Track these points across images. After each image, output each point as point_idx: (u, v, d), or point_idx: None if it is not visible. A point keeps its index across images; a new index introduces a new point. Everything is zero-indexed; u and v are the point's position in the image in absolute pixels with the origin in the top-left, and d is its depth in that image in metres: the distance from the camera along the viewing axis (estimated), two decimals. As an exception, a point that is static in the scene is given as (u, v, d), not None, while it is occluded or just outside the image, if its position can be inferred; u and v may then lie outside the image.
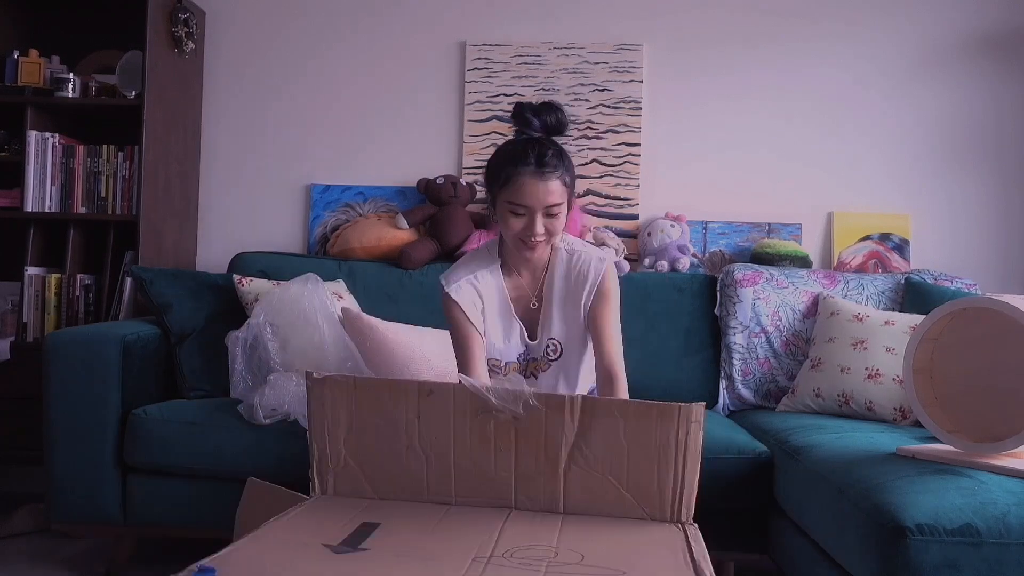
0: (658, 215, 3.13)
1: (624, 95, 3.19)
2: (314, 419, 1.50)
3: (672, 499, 1.44)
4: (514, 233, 1.85)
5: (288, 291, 2.52)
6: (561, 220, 1.85)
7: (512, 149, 1.85)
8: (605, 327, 1.93)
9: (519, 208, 1.82)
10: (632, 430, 1.42)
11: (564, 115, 1.87)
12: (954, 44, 3.14)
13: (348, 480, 1.49)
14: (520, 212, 1.83)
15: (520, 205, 1.82)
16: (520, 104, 1.89)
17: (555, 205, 1.82)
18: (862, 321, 2.56)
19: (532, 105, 1.88)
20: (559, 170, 1.82)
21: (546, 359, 1.96)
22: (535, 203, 1.81)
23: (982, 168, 3.14)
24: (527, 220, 1.83)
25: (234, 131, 3.31)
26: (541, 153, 1.81)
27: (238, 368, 2.40)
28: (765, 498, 2.19)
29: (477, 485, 1.47)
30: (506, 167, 1.83)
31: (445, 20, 3.26)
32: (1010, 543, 1.50)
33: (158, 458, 2.26)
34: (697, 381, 2.79)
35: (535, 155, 1.81)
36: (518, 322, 1.97)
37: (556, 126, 1.87)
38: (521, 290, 1.98)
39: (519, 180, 1.80)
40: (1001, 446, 1.71)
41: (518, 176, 1.81)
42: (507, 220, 1.85)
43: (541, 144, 1.83)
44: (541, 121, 1.86)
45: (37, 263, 3.01)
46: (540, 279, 1.98)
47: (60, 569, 2.45)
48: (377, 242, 3.03)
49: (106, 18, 3.18)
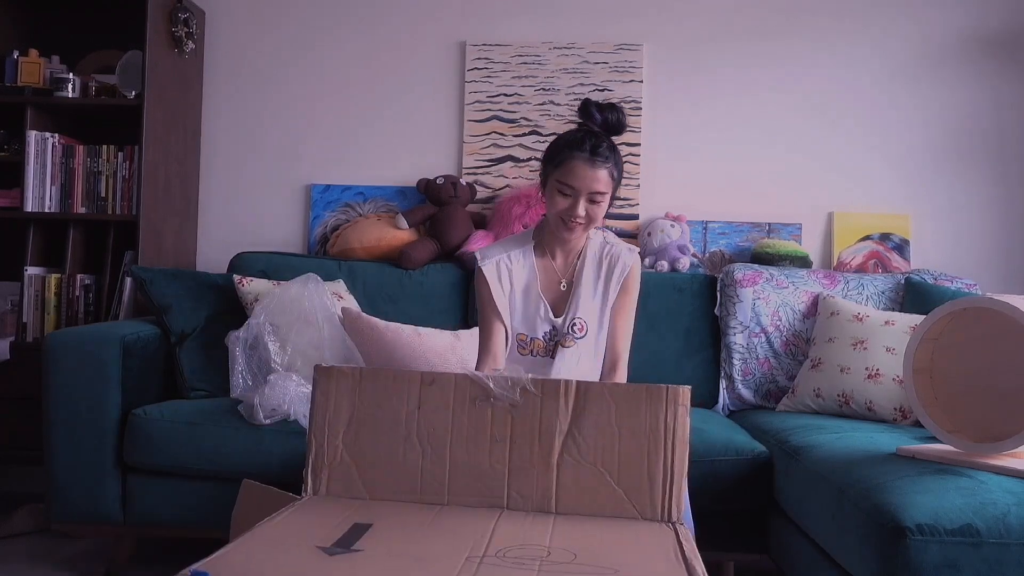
0: (658, 215, 3.13)
1: (624, 95, 3.19)
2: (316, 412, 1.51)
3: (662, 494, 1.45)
4: (558, 211, 1.99)
5: (288, 291, 2.52)
6: (602, 209, 2.00)
7: (571, 136, 2.00)
8: (620, 319, 2.08)
9: (567, 188, 1.96)
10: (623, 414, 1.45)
11: (625, 117, 2.02)
12: (954, 44, 3.14)
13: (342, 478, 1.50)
14: (567, 192, 1.97)
15: (568, 186, 1.96)
16: (587, 100, 2.03)
17: (599, 193, 1.97)
18: (862, 321, 2.56)
19: (598, 103, 2.03)
20: (610, 162, 1.97)
21: (571, 336, 2.06)
22: (582, 186, 1.95)
23: (982, 168, 3.14)
24: (572, 201, 1.96)
25: (234, 131, 3.32)
26: (596, 144, 1.96)
27: (238, 368, 2.40)
28: (765, 498, 2.20)
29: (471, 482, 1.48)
30: (563, 150, 1.98)
31: (445, 20, 3.26)
32: (1010, 543, 1.50)
33: (158, 458, 2.26)
34: (697, 381, 2.79)
35: (591, 144, 1.96)
36: (544, 301, 2.08)
37: (615, 125, 2.01)
38: (551, 272, 2.10)
39: (572, 163, 1.95)
40: (1001, 446, 1.71)
41: (572, 159, 1.95)
42: (554, 198, 1.99)
43: (598, 136, 1.98)
44: (603, 117, 2.00)
45: (37, 263, 3.01)
46: (572, 263, 2.11)
47: (60, 569, 2.45)
48: (377, 242, 3.03)
49: (106, 18, 3.18)
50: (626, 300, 2.09)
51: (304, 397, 2.30)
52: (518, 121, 3.21)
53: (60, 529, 2.39)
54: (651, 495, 1.47)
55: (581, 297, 2.08)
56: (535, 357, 2.07)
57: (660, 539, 1.32)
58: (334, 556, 1.19)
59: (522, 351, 2.08)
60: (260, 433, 2.24)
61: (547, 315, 2.07)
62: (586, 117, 2.01)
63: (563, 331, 2.06)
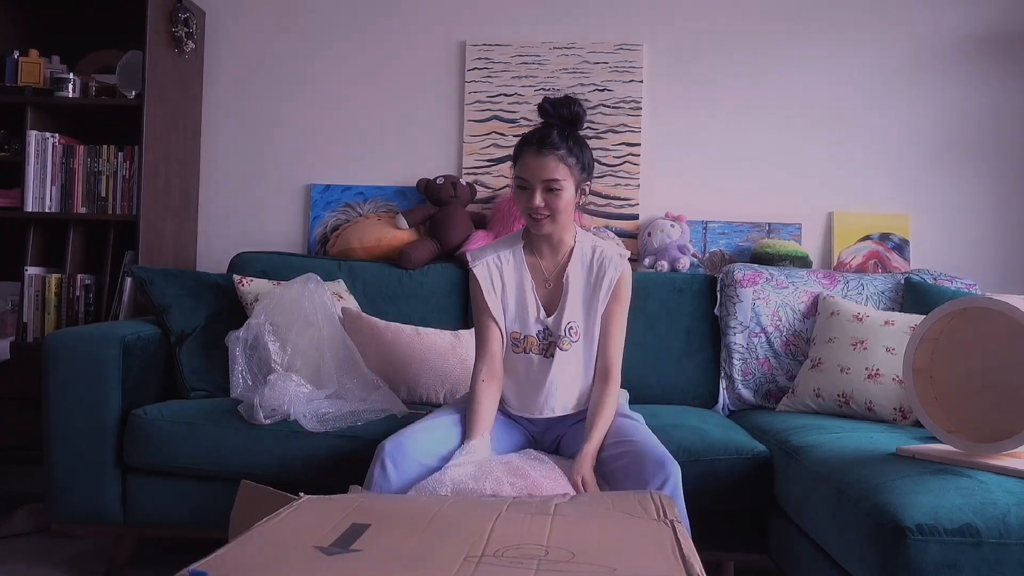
0: (658, 215, 3.13)
1: (624, 95, 3.19)
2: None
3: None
4: (521, 207, 2.04)
5: (288, 291, 2.52)
6: (563, 198, 2.01)
7: (527, 133, 2.07)
8: (611, 326, 2.09)
9: (522, 181, 2.01)
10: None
11: (580, 108, 2.05)
12: (954, 44, 3.14)
13: None
14: (524, 186, 2.01)
15: (521, 179, 2.02)
16: (544, 98, 2.08)
17: (553, 180, 1.99)
18: (862, 321, 2.56)
19: (552, 99, 2.07)
20: (560, 149, 1.99)
21: (568, 339, 2.08)
22: (532, 177, 1.99)
23: (982, 168, 3.14)
24: (528, 193, 2.01)
25: (234, 131, 3.32)
26: (545, 133, 2.00)
27: (238, 368, 2.40)
28: (765, 498, 2.20)
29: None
30: (518, 148, 2.05)
31: (445, 20, 3.26)
32: (1010, 543, 1.50)
33: (158, 458, 2.26)
34: (697, 381, 2.79)
35: (539, 135, 2.01)
36: (535, 299, 2.10)
37: (571, 118, 2.04)
38: (540, 270, 2.13)
39: (522, 156, 2.02)
40: (1001, 446, 1.71)
41: (522, 153, 2.02)
42: (516, 195, 2.05)
43: (549, 127, 2.02)
44: (557, 112, 2.03)
45: (37, 263, 3.01)
46: (561, 264, 2.12)
47: (60, 569, 2.45)
48: (377, 242, 3.03)
49: (106, 18, 3.18)
50: (617, 307, 2.09)
51: (304, 397, 2.30)
52: (518, 121, 3.21)
53: (60, 529, 2.39)
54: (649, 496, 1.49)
55: (574, 303, 2.09)
56: (529, 355, 2.08)
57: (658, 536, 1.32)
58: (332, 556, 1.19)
59: (516, 349, 2.10)
60: (260, 433, 2.24)
61: (539, 313, 2.09)
62: (543, 115, 2.05)
63: (558, 333, 2.07)
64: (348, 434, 2.21)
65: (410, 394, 2.55)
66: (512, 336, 2.10)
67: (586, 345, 2.09)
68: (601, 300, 2.08)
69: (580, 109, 2.05)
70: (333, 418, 2.25)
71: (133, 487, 2.31)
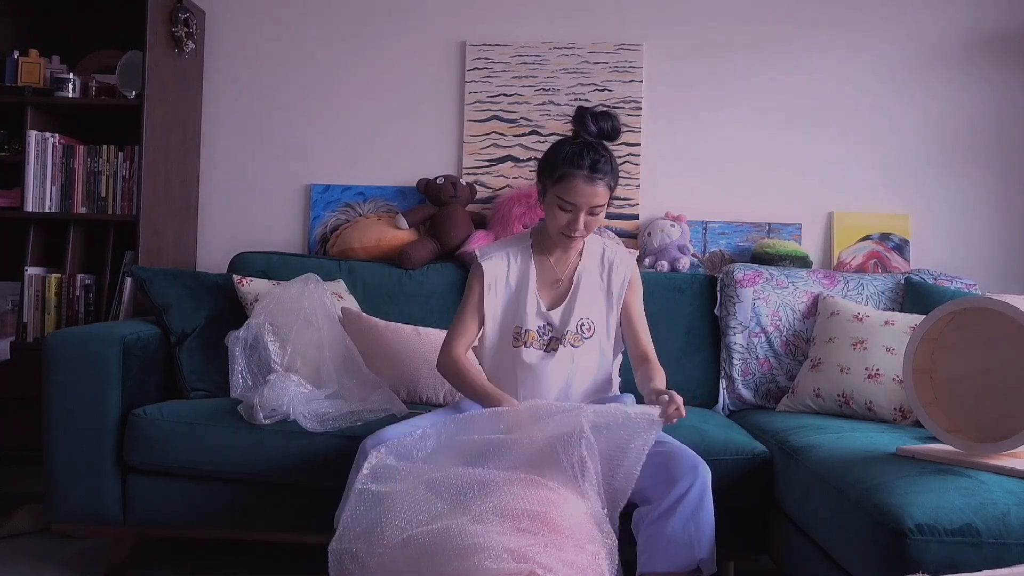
0: (658, 215, 3.13)
1: (624, 95, 3.19)
2: None
3: None
4: (559, 225, 2.05)
5: (288, 291, 2.52)
6: (600, 218, 2.08)
7: (570, 150, 2.03)
8: (636, 316, 2.17)
9: (567, 204, 2.02)
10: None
11: (619, 124, 2.07)
12: (954, 44, 3.14)
13: None
14: (567, 208, 2.02)
15: (569, 203, 2.01)
16: (582, 108, 2.08)
17: (598, 206, 2.04)
18: (862, 321, 2.56)
19: (592, 111, 2.07)
20: (608, 176, 2.03)
21: (580, 336, 2.11)
22: (583, 203, 2.01)
23: (982, 168, 3.14)
24: (572, 216, 2.03)
25: (234, 131, 3.31)
26: (595, 160, 2.00)
27: (238, 368, 2.40)
28: (765, 498, 2.20)
29: None
30: (562, 166, 2.01)
31: (445, 20, 3.26)
32: (1010, 543, 1.50)
33: (158, 458, 2.26)
34: (697, 381, 2.79)
35: (590, 161, 2.00)
36: (537, 296, 2.13)
37: (611, 133, 2.06)
38: (548, 269, 2.16)
39: (572, 181, 1.99)
40: (1001, 446, 1.71)
41: (572, 177, 1.99)
42: (555, 212, 2.04)
43: (596, 150, 2.02)
44: (599, 127, 2.04)
45: (37, 263, 3.01)
46: (572, 262, 2.16)
47: (60, 569, 2.45)
48: (377, 242, 3.03)
49: (106, 18, 3.18)
50: (636, 299, 2.18)
51: (304, 397, 2.30)
52: (518, 121, 3.21)
53: (60, 529, 2.39)
54: None
55: (585, 297, 2.12)
56: (528, 348, 2.09)
57: None
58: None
59: (516, 343, 2.11)
60: (260, 433, 2.24)
61: (541, 309, 2.12)
62: (581, 127, 2.04)
63: (567, 329, 2.10)
64: (348, 434, 2.21)
65: (410, 394, 2.55)
66: (513, 331, 2.12)
67: (602, 340, 2.14)
68: (616, 296, 2.14)
69: (619, 124, 2.07)
70: (333, 418, 2.25)
71: (133, 487, 2.31)
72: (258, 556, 2.61)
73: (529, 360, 2.09)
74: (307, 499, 2.26)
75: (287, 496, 2.27)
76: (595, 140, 2.04)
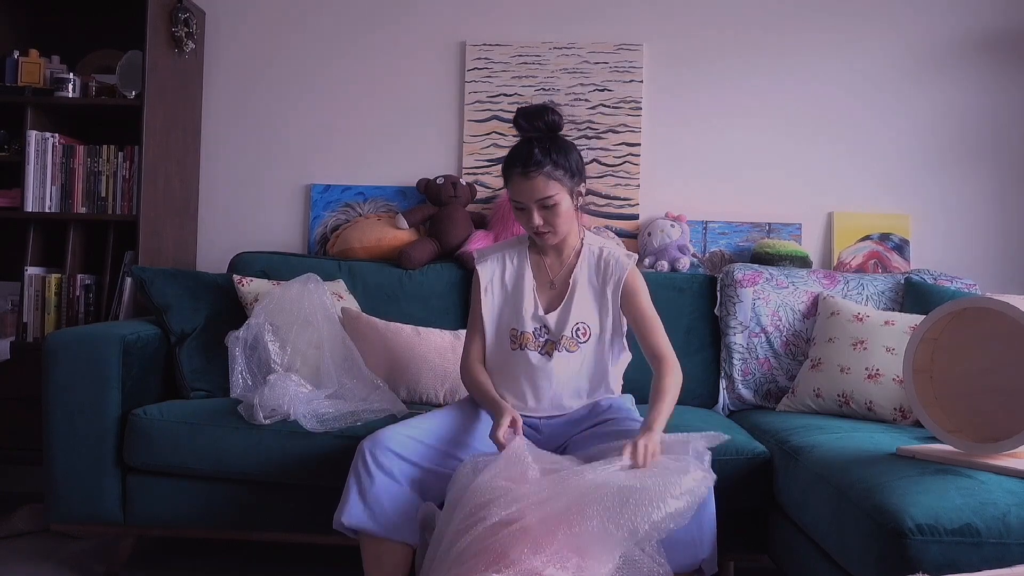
0: (658, 215, 3.13)
1: (624, 95, 3.19)
2: None
3: None
4: (523, 226, 2.07)
5: (288, 291, 2.52)
6: (560, 211, 2.01)
7: (510, 152, 2.05)
8: (643, 316, 2.10)
9: (518, 204, 2.03)
10: None
11: (555, 116, 2.03)
12: (954, 44, 3.14)
13: None
14: (520, 207, 2.03)
15: (517, 202, 2.03)
16: (518, 110, 2.08)
17: (546, 198, 1.99)
18: (862, 321, 2.56)
19: (526, 111, 2.06)
20: (545, 166, 1.98)
21: (574, 340, 2.09)
22: (527, 199, 2.00)
23: (982, 168, 3.14)
24: (526, 214, 2.02)
25: (234, 131, 3.31)
26: (528, 153, 1.99)
27: (238, 368, 2.40)
28: (765, 498, 2.20)
29: None
30: (505, 171, 2.05)
31: (445, 20, 3.26)
32: (1010, 543, 1.50)
33: (158, 458, 2.26)
34: (697, 381, 2.78)
35: (522, 157, 1.99)
36: (534, 297, 2.11)
37: (547, 128, 2.03)
38: (544, 270, 2.15)
39: (512, 181, 2.02)
40: (1001, 446, 1.71)
41: (511, 177, 2.02)
42: (516, 215, 2.06)
43: (530, 144, 2.01)
44: (534, 127, 2.03)
45: (37, 263, 3.01)
46: (568, 264, 2.14)
47: (60, 569, 2.45)
48: (377, 242, 3.03)
49: (106, 18, 3.18)
50: (640, 299, 2.10)
51: (304, 397, 2.30)
52: (518, 121, 3.20)
53: (60, 529, 2.39)
54: None
55: (580, 301, 2.10)
56: (525, 351, 2.08)
57: None
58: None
59: (512, 346, 2.10)
60: (260, 433, 2.24)
61: (538, 312, 2.10)
62: (519, 130, 2.06)
63: (561, 332, 2.08)
64: (348, 434, 2.21)
65: (410, 394, 2.55)
66: (510, 332, 2.11)
67: (597, 345, 2.10)
68: (611, 299, 2.10)
69: (556, 116, 2.03)
70: (333, 418, 2.25)
71: (133, 487, 2.31)
72: (258, 556, 2.61)
73: (526, 363, 2.08)
74: (307, 499, 2.26)
75: (287, 496, 2.27)
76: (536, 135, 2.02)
